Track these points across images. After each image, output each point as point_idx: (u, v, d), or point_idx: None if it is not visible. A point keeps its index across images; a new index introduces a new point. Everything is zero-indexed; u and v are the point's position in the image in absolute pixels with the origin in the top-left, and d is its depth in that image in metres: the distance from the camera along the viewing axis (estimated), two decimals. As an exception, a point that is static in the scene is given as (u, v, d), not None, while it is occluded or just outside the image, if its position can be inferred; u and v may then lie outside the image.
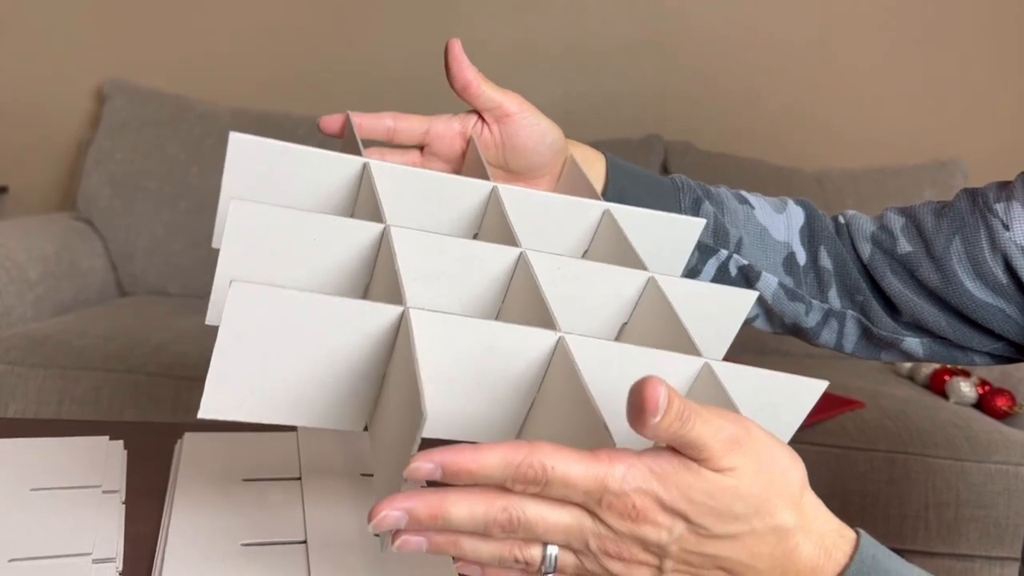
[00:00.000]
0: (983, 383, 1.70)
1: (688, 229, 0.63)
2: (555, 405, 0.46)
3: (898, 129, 2.37)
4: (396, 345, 0.45)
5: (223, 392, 0.44)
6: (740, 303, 0.56)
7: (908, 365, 1.85)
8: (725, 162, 2.19)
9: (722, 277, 0.71)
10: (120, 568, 0.53)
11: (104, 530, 0.57)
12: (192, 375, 1.54)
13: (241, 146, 0.54)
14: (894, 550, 0.45)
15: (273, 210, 0.49)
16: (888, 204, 2.40)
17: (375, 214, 0.53)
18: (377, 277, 0.52)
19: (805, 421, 0.50)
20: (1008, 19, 2.32)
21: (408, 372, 0.41)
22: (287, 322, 0.43)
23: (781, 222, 0.73)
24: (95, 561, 0.53)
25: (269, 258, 0.50)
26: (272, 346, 0.44)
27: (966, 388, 1.68)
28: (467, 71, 0.60)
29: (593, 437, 0.40)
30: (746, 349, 2.07)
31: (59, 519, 0.57)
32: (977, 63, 2.35)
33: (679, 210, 0.70)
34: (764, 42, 2.34)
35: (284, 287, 0.43)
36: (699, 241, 0.67)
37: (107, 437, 0.70)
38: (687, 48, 2.34)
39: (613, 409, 0.44)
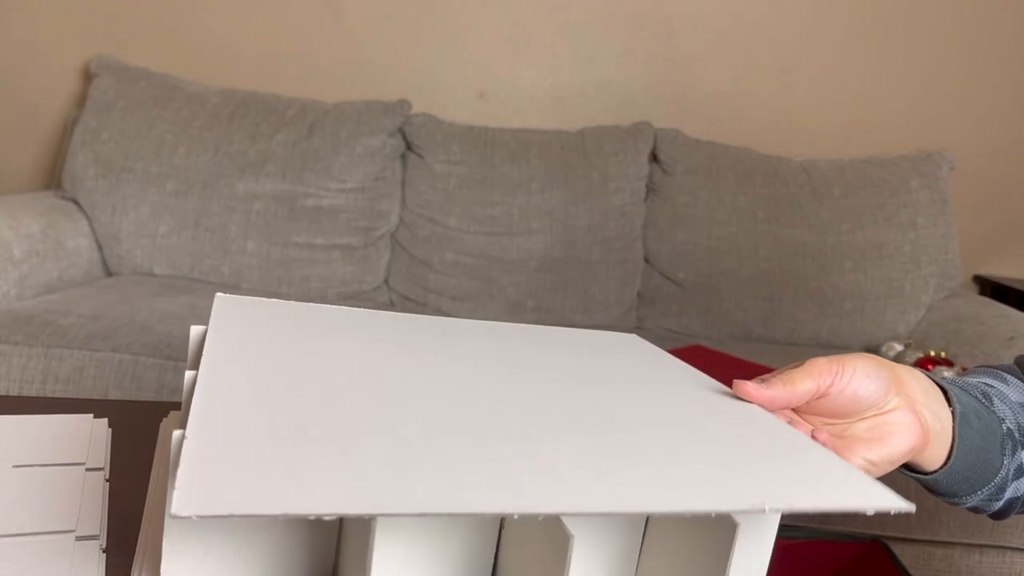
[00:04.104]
0: (964, 372, 1.71)
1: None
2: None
3: (885, 120, 2.38)
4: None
5: None
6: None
7: (891, 353, 1.86)
8: (714, 150, 2.19)
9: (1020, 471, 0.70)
10: (103, 545, 0.53)
11: (88, 507, 0.56)
12: (177, 356, 1.53)
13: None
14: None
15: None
16: (874, 194, 2.37)
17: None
18: None
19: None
20: (995, 9, 2.33)
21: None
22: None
23: None
24: (78, 538, 0.53)
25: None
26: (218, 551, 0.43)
27: (949, 377, 1.68)
28: (776, 398, 0.58)
29: (559, 542, 0.39)
30: (734, 337, 2.08)
31: (42, 496, 0.57)
32: (964, 54, 2.36)
33: (1000, 449, 0.69)
34: (753, 31, 2.34)
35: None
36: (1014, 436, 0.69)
37: (92, 415, 0.70)
38: (677, 36, 2.34)
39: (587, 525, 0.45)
